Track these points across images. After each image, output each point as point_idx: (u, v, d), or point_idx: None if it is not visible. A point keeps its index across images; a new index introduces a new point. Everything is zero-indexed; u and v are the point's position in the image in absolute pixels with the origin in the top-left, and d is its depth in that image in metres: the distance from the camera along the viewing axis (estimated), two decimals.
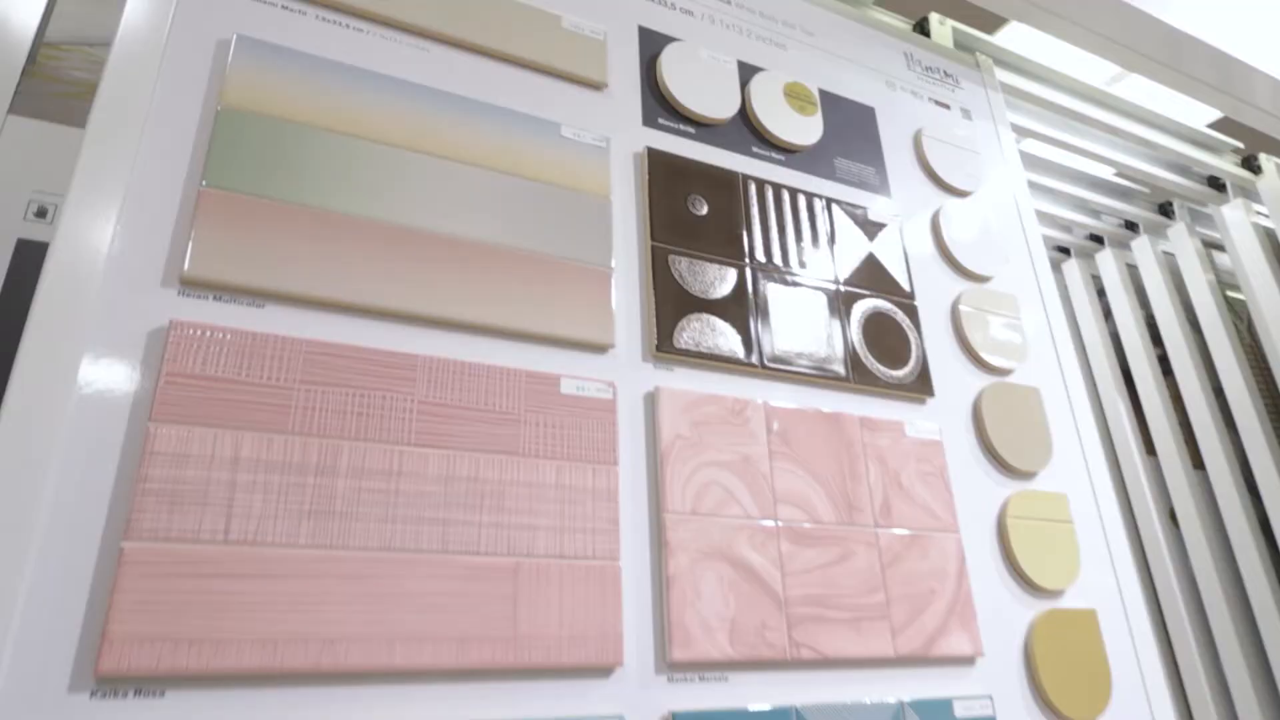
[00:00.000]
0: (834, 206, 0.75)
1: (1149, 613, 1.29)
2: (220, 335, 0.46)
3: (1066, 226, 1.40)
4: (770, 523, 0.58)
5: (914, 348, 0.72)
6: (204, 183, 0.49)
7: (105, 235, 0.45)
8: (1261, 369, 1.33)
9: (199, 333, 0.45)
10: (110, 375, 0.43)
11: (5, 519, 0.39)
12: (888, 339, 0.71)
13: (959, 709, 0.59)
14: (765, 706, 0.52)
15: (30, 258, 0.50)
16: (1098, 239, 1.42)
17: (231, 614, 0.41)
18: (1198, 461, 1.33)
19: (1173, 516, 1.34)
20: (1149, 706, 0.68)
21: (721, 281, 0.65)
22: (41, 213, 0.51)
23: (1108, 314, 1.44)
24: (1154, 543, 1.33)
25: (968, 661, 0.61)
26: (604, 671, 0.49)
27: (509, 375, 0.53)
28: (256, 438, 0.45)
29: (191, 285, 0.47)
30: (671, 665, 0.51)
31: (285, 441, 0.45)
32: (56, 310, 0.43)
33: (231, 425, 0.44)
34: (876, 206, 0.78)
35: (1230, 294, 1.38)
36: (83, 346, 0.43)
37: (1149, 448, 1.39)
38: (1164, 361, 1.37)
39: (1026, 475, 0.72)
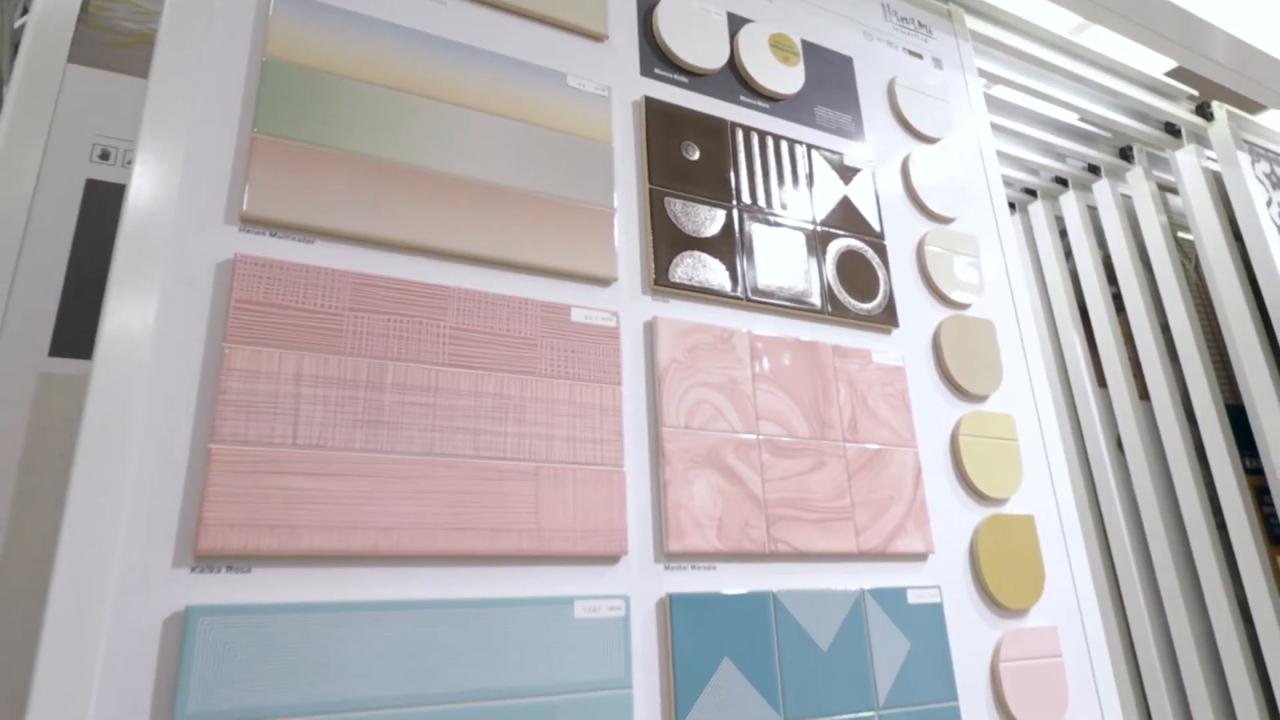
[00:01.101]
0: (813, 152, 0.83)
1: (1095, 530, 1.43)
2: (278, 268, 0.53)
3: (1033, 169, 1.49)
4: (752, 436, 0.67)
5: (882, 283, 0.81)
6: (255, 130, 0.55)
7: (174, 178, 0.52)
8: (1205, 307, 1.45)
9: (261, 265, 0.53)
10: (187, 302, 0.51)
11: (110, 429, 0.46)
12: (859, 275, 0.80)
13: (911, 597, 0.70)
14: (747, 590, 0.63)
15: (98, 196, 0.57)
16: (1062, 181, 1.52)
17: (303, 505, 0.50)
18: (1144, 393, 1.45)
19: (1119, 444, 1.47)
20: (1077, 599, 0.81)
21: (711, 222, 0.73)
22: (105, 155, 0.57)
23: (1068, 254, 1.55)
24: (1101, 468, 1.46)
25: (920, 557, 0.72)
26: (611, 559, 0.59)
27: (526, 305, 0.61)
28: (315, 357, 0.53)
29: (250, 223, 0.54)
30: (668, 555, 0.61)
31: (339, 361, 0.53)
32: (137, 247, 0.50)
33: (293, 346, 0.52)
34: (852, 152, 0.86)
35: (1181, 235, 1.49)
36: (161, 278, 0.50)
37: (1100, 380, 1.51)
38: (1118, 299, 1.48)
39: (978, 398, 0.83)
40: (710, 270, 0.71)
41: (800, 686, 0.61)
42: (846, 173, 0.84)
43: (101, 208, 0.56)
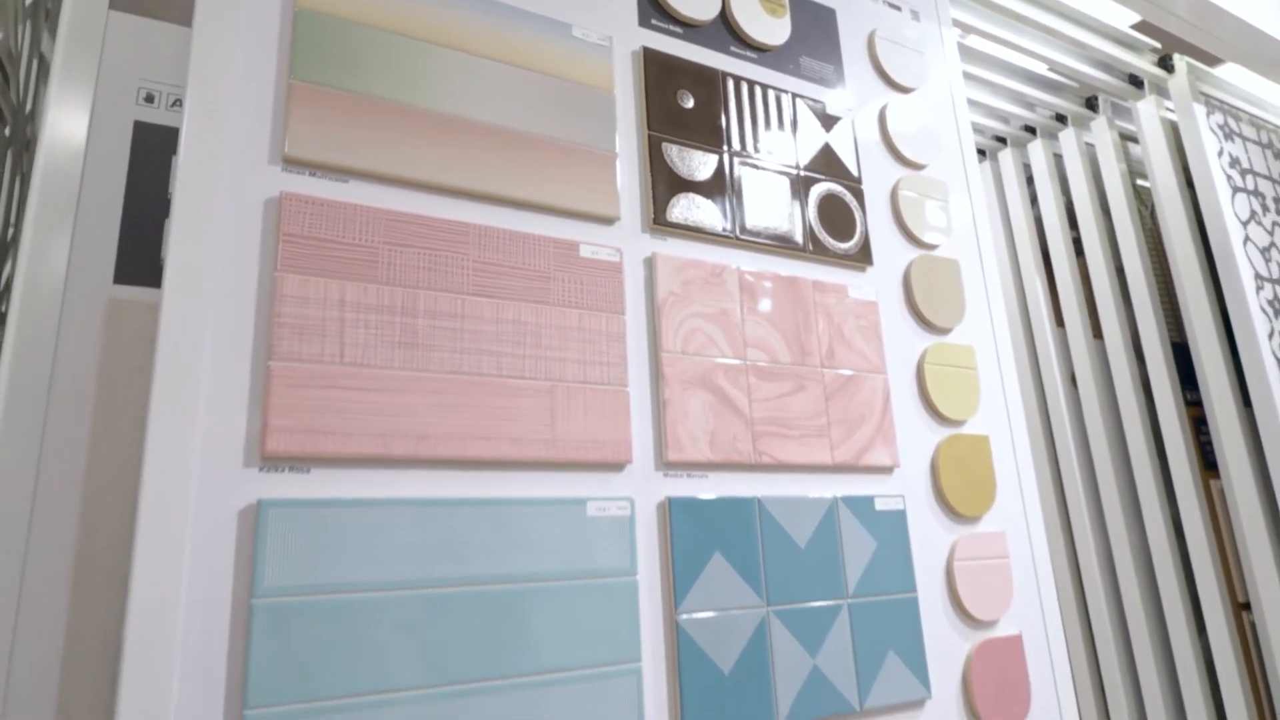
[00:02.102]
0: (798, 101, 0.88)
1: (1046, 454, 1.54)
2: (320, 204, 0.59)
3: (1004, 118, 1.55)
4: (741, 361, 0.75)
5: (859, 225, 0.88)
6: (292, 76, 0.60)
7: (221, 123, 0.57)
8: (1158, 251, 1.54)
9: (304, 202, 0.58)
10: (240, 236, 0.56)
11: (183, 349, 0.52)
12: (838, 217, 0.87)
13: (878, 504, 0.79)
14: (735, 495, 0.71)
15: (146, 137, 0.61)
16: (1031, 130, 1.58)
17: (352, 415, 0.56)
18: (1097, 332, 1.55)
19: (1073, 379, 1.57)
20: (1024, 510, 0.90)
21: (704, 166, 0.79)
22: (149, 98, 0.61)
23: (1034, 200, 1.63)
24: (1055, 400, 1.56)
25: (887, 470, 0.81)
26: (618, 467, 0.66)
27: (539, 241, 0.67)
28: (355, 285, 0.59)
29: (292, 163, 0.59)
30: (667, 464, 0.69)
31: (376, 289, 0.59)
32: (193, 186, 0.55)
33: (336, 276, 0.58)
34: (833, 101, 0.91)
35: (1140, 183, 1.57)
36: (216, 213, 0.56)
37: (1059, 320, 1.61)
38: (1078, 244, 1.56)
39: (942, 330, 0.90)
40: (703, 211, 0.77)
41: (781, 577, 0.70)
42: (828, 121, 0.90)
43: (149, 148, 0.61)
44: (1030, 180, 1.63)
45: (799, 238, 0.83)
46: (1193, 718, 1.32)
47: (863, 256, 0.87)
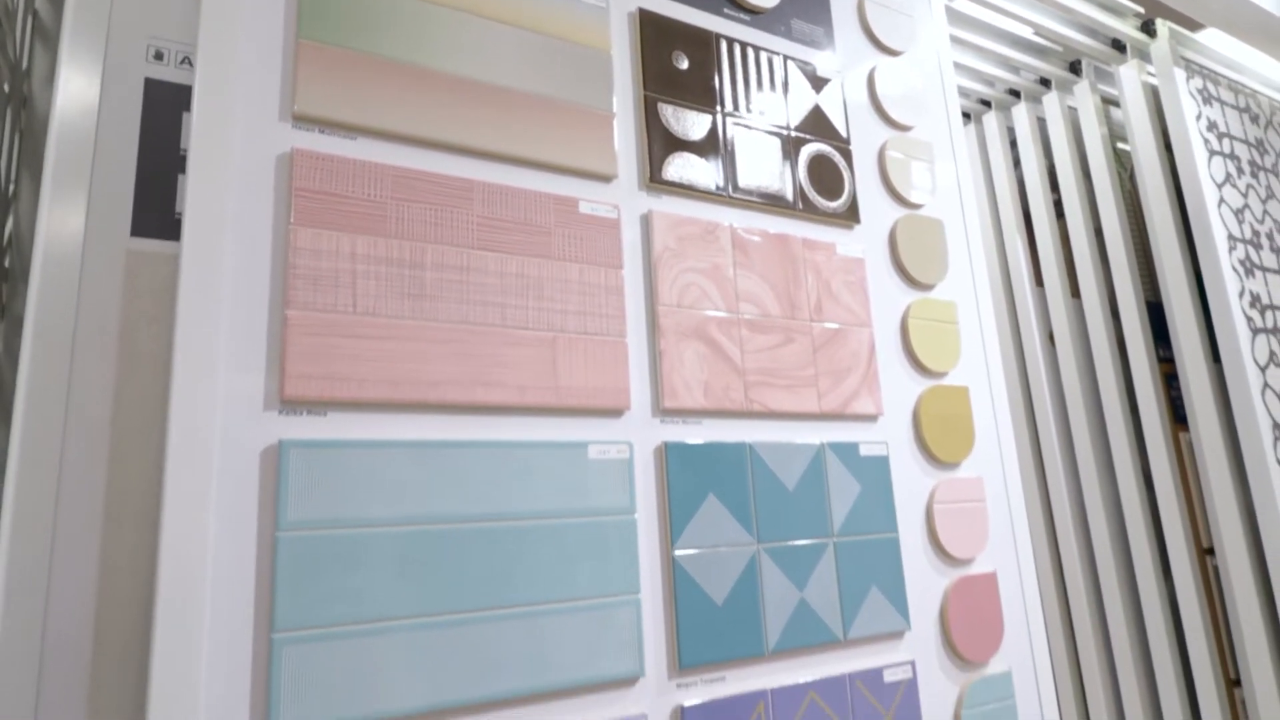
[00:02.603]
0: (788, 63, 0.89)
1: (1024, 406, 1.58)
2: (329, 160, 0.60)
3: (989, 81, 1.56)
4: (733, 315, 0.77)
5: (847, 184, 0.90)
6: (300, 35, 0.61)
7: (232, 80, 0.58)
8: (1135, 213, 1.56)
9: (314, 158, 0.60)
10: (254, 189, 0.58)
11: (203, 298, 0.54)
12: (827, 177, 0.88)
13: (863, 450, 0.82)
14: (727, 441, 0.73)
15: (156, 93, 0.62)
16: (1015, 93, 1.59)
17: (365, 362, 0.58)
18: (1075, 291, 1.58)
19: (1051, 338, 1.60)
20: (1000, 457, 0.93)
21: (698, 126, 0.80)
22: (159, 55, 0.62)
23: (1017, 163, 1.64)
24: (1034, 358, 1.60)
25: (871, 418, 0.84)
26: (617, 413, 0.69)
27: (540, 197, 0.69)
28: (365, 239, 0.60)
29: (301, 120, 0.60)
30: (663, 411, 0.71)
31: (385, 243, 0.61)
32: (207, 141, 0.56)
33: (347, 229, 0.60)
34: (823, 63, 0.93)
35: (1120, 146, 1.59)
36: (230, 168, 0.57)
37: (1038, 279, 1.63)
38: (1058, 205, 1.58)
39: (926, 287, 0.93)
40: (697, 170, 0.79)
41: (770, 517, 0.73)
42: (818, 82, 0.91)
43: (160, 104, 0.62)
44: (1013, 143, 1.64)
45: (789, 196, 0.85)
46: (1156, 654, 1.38)
47: (850, 215, 0.89)
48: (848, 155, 0.91)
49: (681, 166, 0.78)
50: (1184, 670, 1.38)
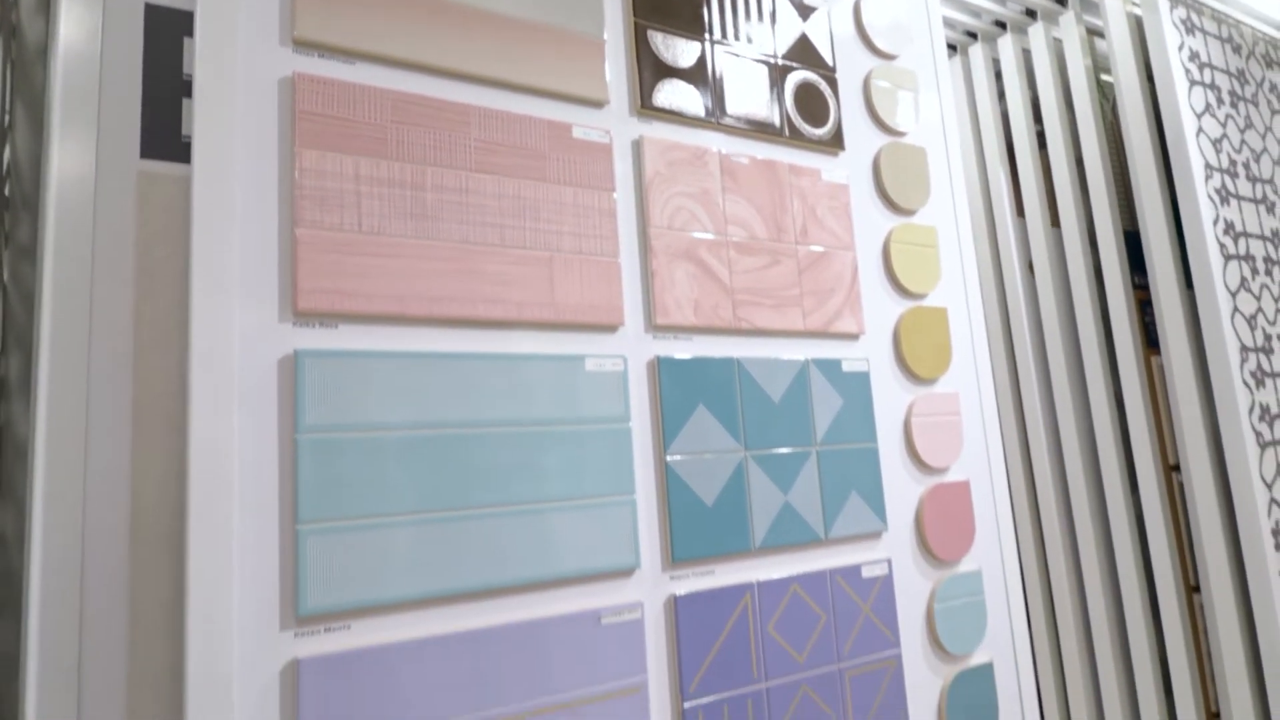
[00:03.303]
0: None
1: (1002, 331, 1.61)
2: (330, 84, 0.61)
3: (975, 12, 1.54)
4: (721, 237, 0.79)
5: (832, 112, 0.90)
6: None
7: (234, 5, 0.58)
8: (1116, 143, 1.57)
9: (316, 81, 0.61)
10: (258, 112, 0.59)
11: (215, 218, 0.56)
12: (813, 104, 0.89)
13: (845, 366, 0.85)
14: (716, 356, 0.76)
15: (157, 20, 0.63)
16: (1001, 25, 1.58)
17: (372, 278, 0.61)
18: (1055, 221, 1.59)
19: (1030, 268, 1.62)
20: (976, 374, 0.96)
21: (688, 53, 0.81)
22: None
23: (1001, 95, 1.64)
24: (1013, 287, 1.62)
25: (854, 337, 0.86)
26: (612, 329, 0.71)
27: (535, 122, 0.70)
28: (368, 161, 0.62)
29: (301, 45, 0.61)
30: (656, 327, 0.74)
31: (387, 165, 0.63)
32: (212, 66, 0.57)
33: (349, 151, 0.61)
34: None
35: (1103, 77, 1.58)
36: (236, 91, 0.58)
37: (1020, 210, 1.65)
38: (1041, 137, 1.59)
39: (908, 212, 0.95)
40: (687, 97, 0.80)
41: (757, 426, 0.76)
42: (805, 11, 0.91)
43: (161, 30, 0.62)
44: (999, 75, 1.64)
45: (776, 123, 0.86)
46: (1121, 562, 1.44)
47: (835, 142, 0.90)
48: (833, 84, 0.92)
49: (671, 93, 0.79)
50: (1146, 577, 1.44)
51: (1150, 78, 1.47)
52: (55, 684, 0.56)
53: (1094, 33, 1.58)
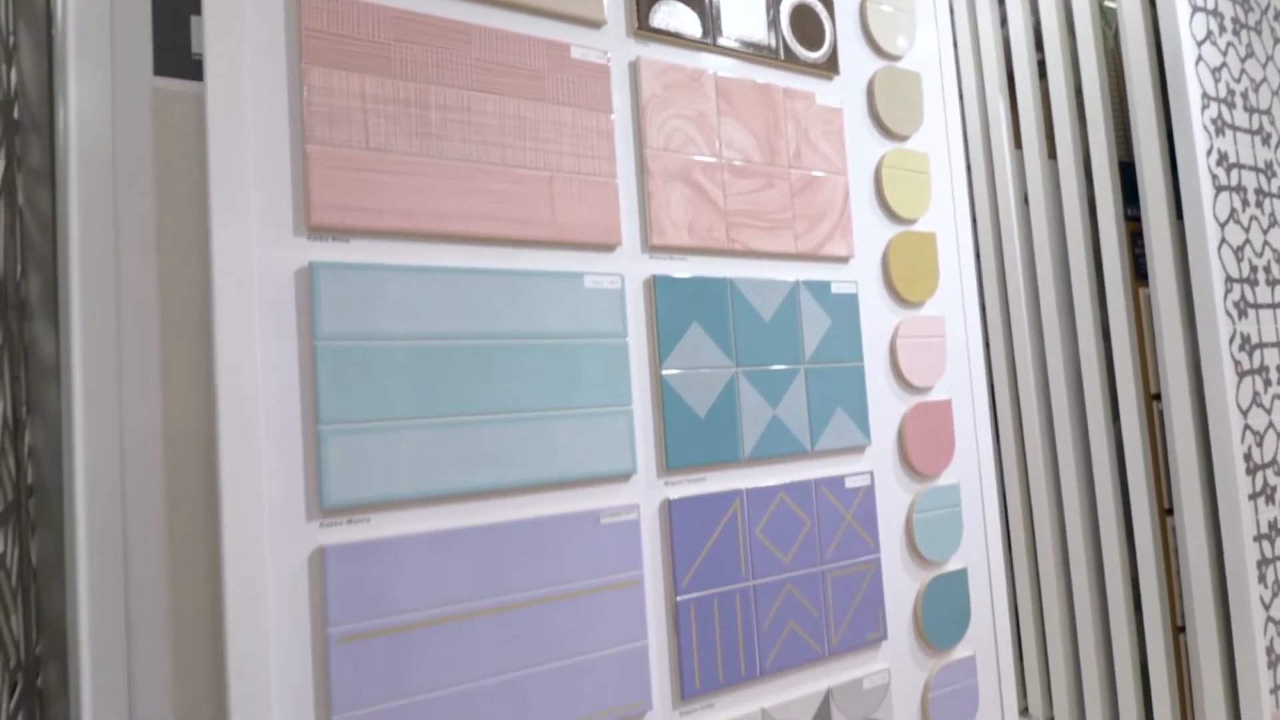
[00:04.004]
0: None
1: (994, 261, 1.65)
2: (336, 1, 0.64)
3: None
4: (716, 160, 0.82)
5: (828, 35, 0.93)
6: None
7: None
8: (1116, 72, 1.58)
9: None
10: (266, 30, 0.62)
11: (227, 134, 0.59)
12: (808, 28, 0.91)
13: (834, 288, 0.89)
14: (710, 275, 0.80)
15: None
16: None
17: (380, 194, 0.64)
18: (1052, 152, 1.62)
19: (1026, 200, 1.66)
20: (962, 297, 1.01)
21: None
22: None
23: (1004, 21, 1.64)
24: (1008, 219, 1.66)
25: (843, 260, 0.91)
26: (609, 248, 0.75)
27: (534, 42, 0.73)
28: (373, 79, 0.65)
29: None
30: (651, 247, 0.78)
31: (392, 83, 0.66)
32: None
33: (355, 69, 0.64)
34: None
35: (1107, 3, 1.59)
36: (244, 8, 0.61)
37: (1018, 142, 1.67)
38: (1041, 66, 1.60)
39: (901, 138, 0.98)
40: (683, 18, 0.82)
41: (748, 344, 0.81)
42: None
43: None
44: (1001, 1, 1.64)
45: (772, 46, 0.88)
46: (1099, 487, 1.51)
47: (830, 65, 0.92)
48: (829, 6, 0.94)
49: (668, 14, 0.81)
50: (1123, 501, 1.52)
51: (1153, 2, 1.48)
52: (103, 586, 0.61)
53: None
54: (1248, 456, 1.35)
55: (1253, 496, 1.35)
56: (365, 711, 0.61)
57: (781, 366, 0.84)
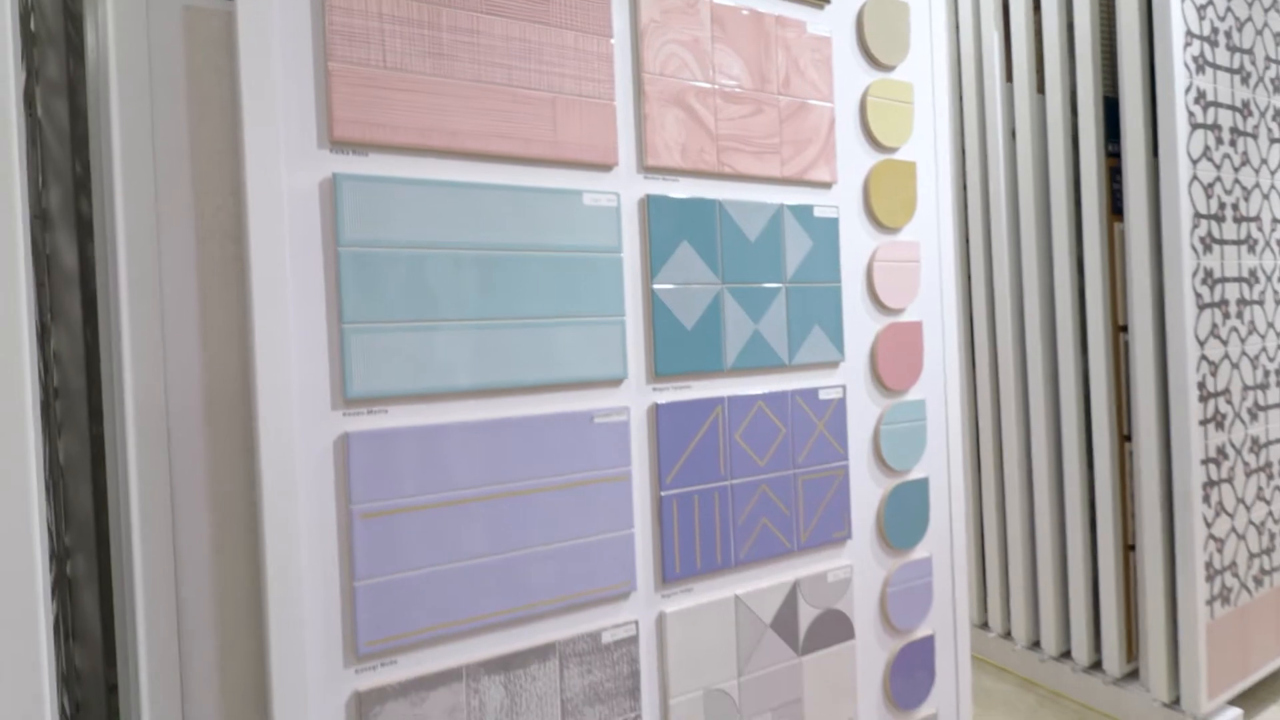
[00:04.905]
0: None
1: (980, 190, 1.73)
2: None
3: None
4: (710, 85, 0.89)
5: None
6: None
7: None
8: (1109, 7, 1.63)
9: None
10: None
11: (256, 50, 0.65)
12: None
13: (816, 211, 0.97)
14: (700, 197, 0.88)
15: None
16: None
17: (397, 111, 0.71)
18: (1041, 87, 1.68)
19: (1013, 134, 1.72)
20: (938, 224, 1.09)
21: None
22: None
23: None
24: (995, 152, 1.72)
25: (827, 185, 0.98)
26: (607, 167, 0.82)
27: None
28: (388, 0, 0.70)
29: None
30: (646, 168, 0.85)
31: (407, 4, 0.71)
32: None
33: None
34: None
35: None
36: None
37: (1009, 75, 1.72)
38: (1036, 0, 1.64)
39: (887, 68, 1.04)
40: None
41: (734, 261, 0.89)
42: None
43: None
44: None
45: None
46: (1065, 412, 1.63)
47: None
48: None
49: None
50: (1085, 427, 1.64)
51: None
52: (149, 470, 0.70)
53: None
54: (1202, 385, 1.46)
55: (1204, 422, 1.46)
56: (384, 580, 0.71)
57: (764, 284, 0.92)
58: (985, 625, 1.91)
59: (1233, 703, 1.58)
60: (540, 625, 0.79)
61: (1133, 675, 1.64)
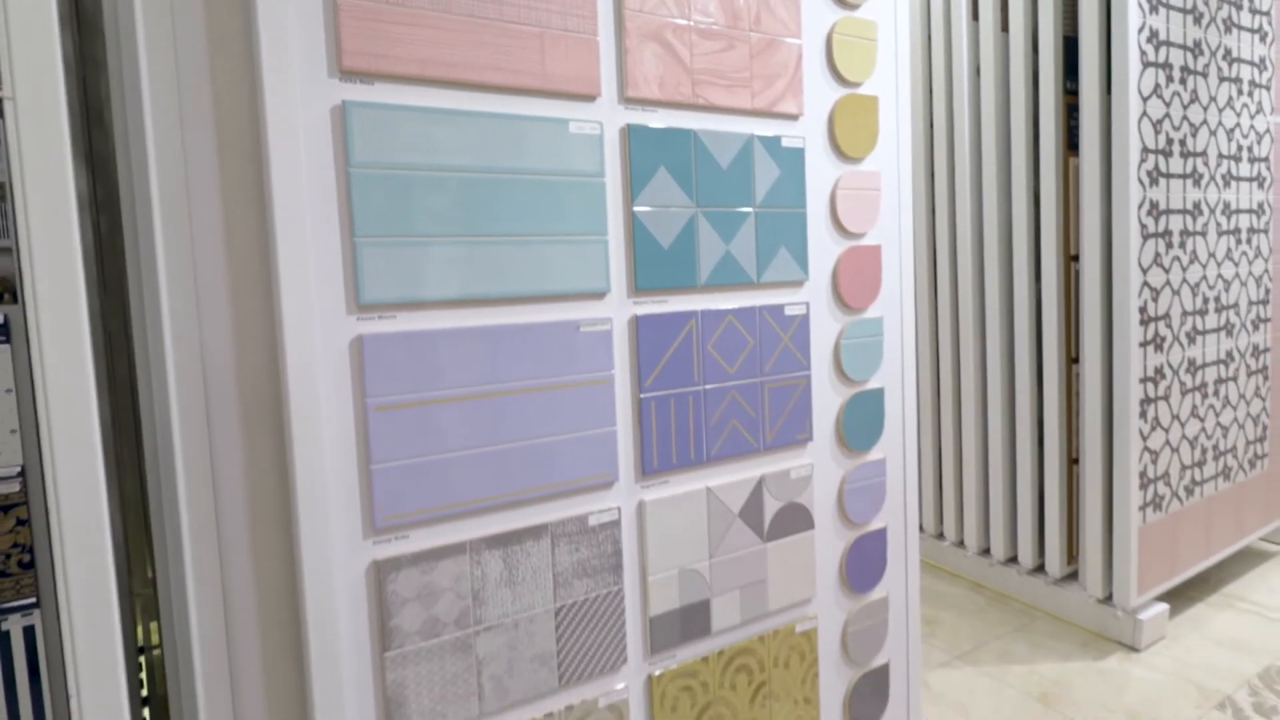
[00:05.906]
0: None
1: (946, 130, 1.81)
2: None
3: None
4: (686, 22, 0.96)
5: None
6: None
7: None
8: None
9: None
10: None
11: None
12: None
13: (784, 142, 1.05)
14: (677, 126, 0.95)
15: None
16: None
17: (400, 44, 0.78)
18: (1005, 25, 1.74)
19: (978, 71, 1.79)
20: (897, 155, 1.17)
21: None
22: None
23: None
24: (960, 89, 1.80)
25: (793, 117, 1.06)
26: (590, 98, 0.90)
27: None
28: None
29: None
30: (626, 100, 0.92)
31: None
32: None
33: None
34: None
35: None
36: None
37: (975, 14, 1.78)
38: None
39: (853, 6, 1.11)
40: None
41: (707, 187, 0.98)
42: None
43: None
44: None
45: None
46: (1019, 336, 1.74)
47: None
48: None
49: None
50: (1037, 350, 1.76)
51: None
52: (183, 382, 0.78)
53: None
54: (1143, 309, 1.58)
55: (1143, 344, 1.58)
56: (396, 464, 0.80)
57: (735, 209, 1.00)
58: (940, 535, 2.06)
59: (1161, 599, 1.74)
60: (534, 509, 0.89)
61: (1072, 576, 1.79)
